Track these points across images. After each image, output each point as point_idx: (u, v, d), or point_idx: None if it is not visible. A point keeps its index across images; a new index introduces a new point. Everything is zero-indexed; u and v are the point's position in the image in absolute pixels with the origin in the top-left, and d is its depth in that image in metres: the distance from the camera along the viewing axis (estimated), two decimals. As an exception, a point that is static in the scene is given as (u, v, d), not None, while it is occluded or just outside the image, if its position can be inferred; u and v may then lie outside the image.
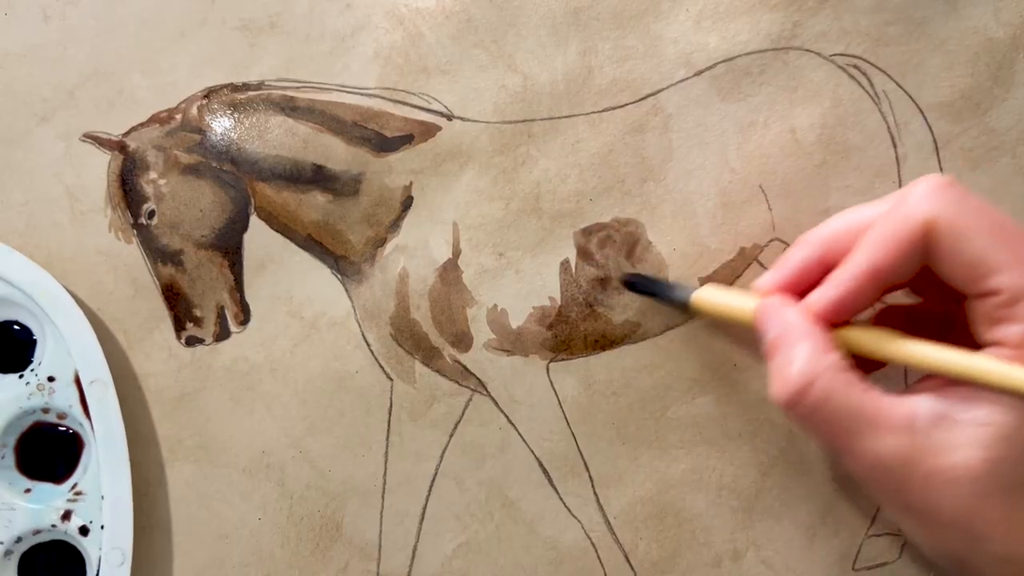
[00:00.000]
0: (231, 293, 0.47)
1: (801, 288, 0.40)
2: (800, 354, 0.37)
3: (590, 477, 0.47)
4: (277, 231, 0.47)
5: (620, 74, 0.46)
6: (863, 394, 0.36)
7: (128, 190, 0.46)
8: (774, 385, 0.38)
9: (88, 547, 0.46)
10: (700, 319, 0.45)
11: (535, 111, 0.46)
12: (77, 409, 0.45)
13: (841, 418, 0.36)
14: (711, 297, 0.42)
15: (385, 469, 0.47)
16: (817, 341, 0.37)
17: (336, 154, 0.46)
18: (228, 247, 0.46)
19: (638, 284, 0.45)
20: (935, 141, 0.46)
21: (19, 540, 0.46)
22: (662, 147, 0.46)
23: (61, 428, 0.47)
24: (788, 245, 0.46)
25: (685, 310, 0.44)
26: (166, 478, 0.47)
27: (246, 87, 0.46)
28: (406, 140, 0.46)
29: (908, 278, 0.38)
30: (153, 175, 0.46)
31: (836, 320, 0.38)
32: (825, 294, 0.38)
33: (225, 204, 0.46)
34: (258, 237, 0.47)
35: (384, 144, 0.46)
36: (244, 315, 0.47)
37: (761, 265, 0.46)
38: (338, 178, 0.46)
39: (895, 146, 0.46)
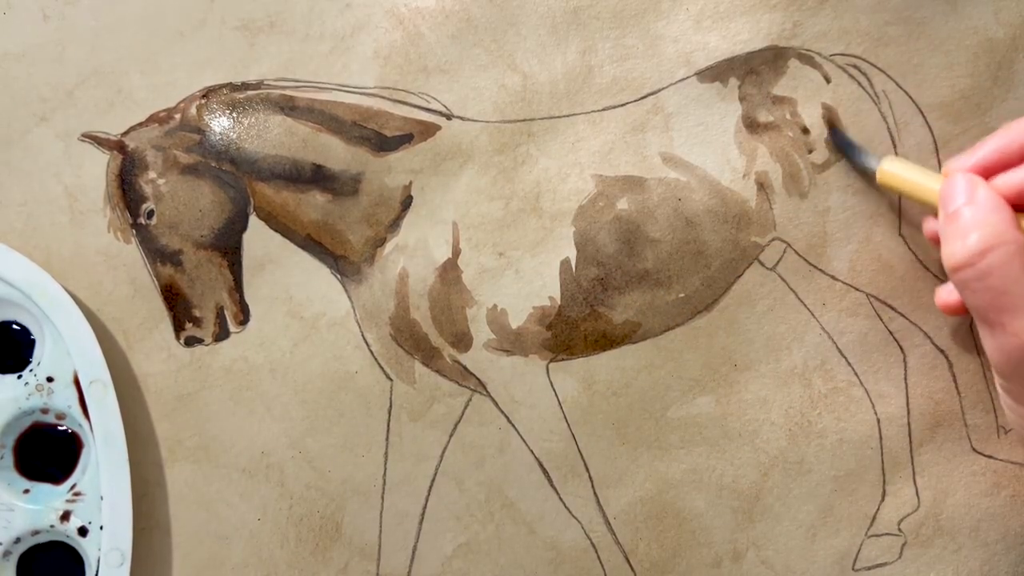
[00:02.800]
0: (230, 293, 0.47)
1: (992, 174, 0.40)
2: (986, 222, 0.38)
3: (590, 477, 0.47)
4: (276, 231, 0.47)
5: (620, 73, 0.46)
6: None
7: (127, 190, 0.46)
8: (949, 247, 0.38)
9: (87, 548, 0.46)
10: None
11: (535, 110, 0.46)
12: (76, 409, 0.45)
13: (1009, 291, 0.37)
14: (898, 170, 0.43)
15: (385, 469, 0.47)
16: (1006, 215, 0.38)
17: (335, 154, 0.46)
18: (227, 247, 0.46)
19: (836, 135, 0.45)
20: (935, 141, 0.46)
21: (18, 541, 0.46)
22: (663, 146, 0.46)
23: (60, 428, 0.47)
24: (788, 244, 0.46)
25: (871, 177, 0.44)
26: (165, 478, 0.47)
27: (245, 87, 0.46)
28: (405, 140, 0.46)
29: None
30: (152, 175, 0.46)
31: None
32: (1021, 173, 0.39)
33: (224, 204, 0.46)
34: (257, 237, 0.46)
35: (383, 144, 0.46)
36: (243, 315, 0.47)
37: (762, 264, 0.46)
38: (337, 178, 0.46)
39: (895, 146, 0.46)
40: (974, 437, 0.47)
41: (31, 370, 0.46)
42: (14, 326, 0.46)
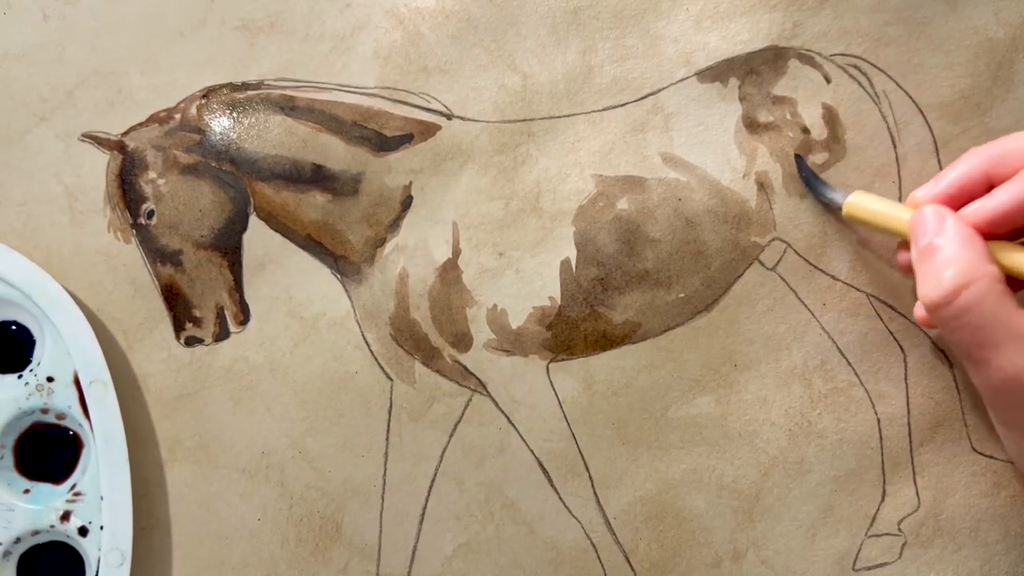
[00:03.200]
0: (230, 293, 0.47)
1: (958, 202, 0.40)
2: (959, 258, 0.37)
3: (590, 477, 0.47)
4: (277, 231, 0.47)
5: (620, 73, 0.46)
6: (1013, 309, 0.36)
7: (127, 190, 0.46)
8: (924, 286, 0.38)
9: (87, 548, 0.46)
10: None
11: (535, 110, 0.46)
12: (76, 409, 0.45)
13: (987, 327, 0.36)
14: (865, 203, 0.43)
15: (385, 469, 0.47)
16: (978, 249, 0.38)
17: (335, 154, 0.46)
18: (227, 247, 0.46)
19: (803, 170, 0.45)
20: (935, 141, 0.46)
21: (18, 541, 0.46)
22: (663, 146, 0.46)
23: (60, 428, 0.47)
24: (788, 244, 0.46)
25: (836, 212, 0.45)
26: (165, 478, 0.47)
27: (245, 87, 0.46)
28: (406, 140, 0.46)
29: None
30: (152, 175, 0.46)
31: (993, 231, 0.39)
32: (989, 203, 0.39)
33: (224, 204, 0.46)
34: (258, 237, 0.46)
35: (384, 144, 0.46)
36: (243, 315, 0.47)
37: (762, 264, 0.46)
38: (337, 178, 0.46)
39: (895, 146, 0.46)
40: (974, 437, 0.47)
41: (31, 370, 0.46)
42: (14, 326, 0.46)
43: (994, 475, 0.47)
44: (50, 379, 0.46)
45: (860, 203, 0.43)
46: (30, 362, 0.46)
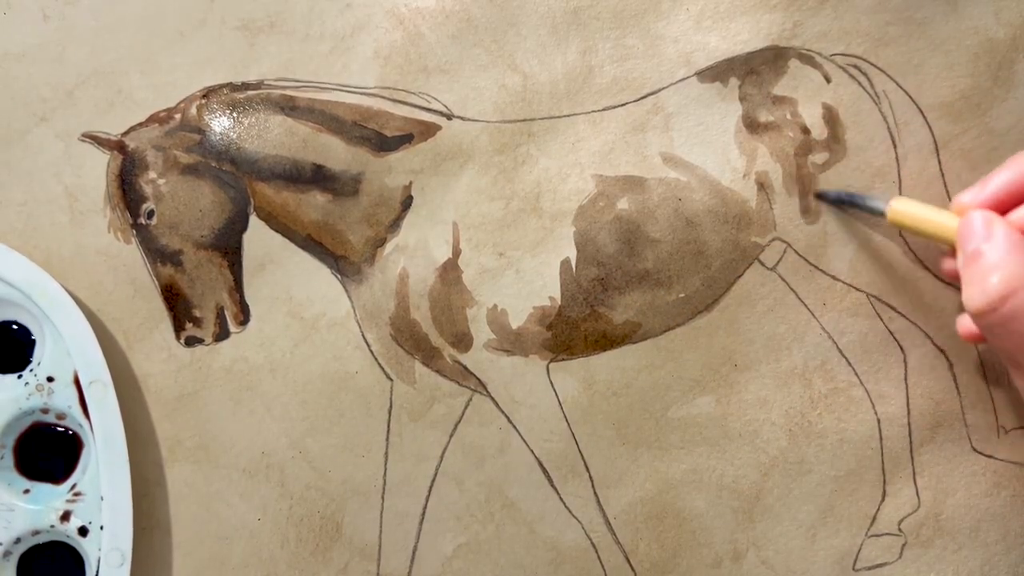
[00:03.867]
0: (231, 293, 0.47)
1: (1005, 207, 0.40)
2: (1006, 264, 0.37)
3: (590, 477, 0.47)
4: (277, 231, 0.47)
5: (620, 73, 0.46)
6: None
7: (127, 190, 0.46)
8: (969, 292, 0.38)
9: (87, 548, 0.46)
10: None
11: (535, 110, 0.46)
12: (76, 409, 0.45)
13: None
14: (909, 208, 0.42)
15: (385, 470, 0.47)
16: None
17: (336, 154, 0.46)
18: (228, 247, 0.46)
19: (830, 196, 0.45)
20: (935, 141, 0.46)
21: (18, 541, 0.46)
22: (663, 146, 0.46)
23: (60, 428, 0.47)
24: (788, 244, 0.46)
25: (880, 218, 0.44)
26: (166, 478, 0.47)
27: (245, 87, 0.46)
28: (406, 140, 0.46)
29: None
30: (152, 175, 0.46)
31: None
32: None
33: (224, 204, 0.46)
34: (258, 237, 0.46)
35: (384, 144, 0.46)
36: (244, 315, 0.47)
37: (762, 264, 0.46)
38: (338, 178, 0.46)
39: (895, 146, 0.46)
40: (974, 437, 0.47)
41: (31, 370, 0.46)
42: (14, 326, 0.46)
43: (994, 475, 0.47)
44: (50, 379, 0.46)
45: (905, 209, 0.42)
46: (30, 362, 0.46)
